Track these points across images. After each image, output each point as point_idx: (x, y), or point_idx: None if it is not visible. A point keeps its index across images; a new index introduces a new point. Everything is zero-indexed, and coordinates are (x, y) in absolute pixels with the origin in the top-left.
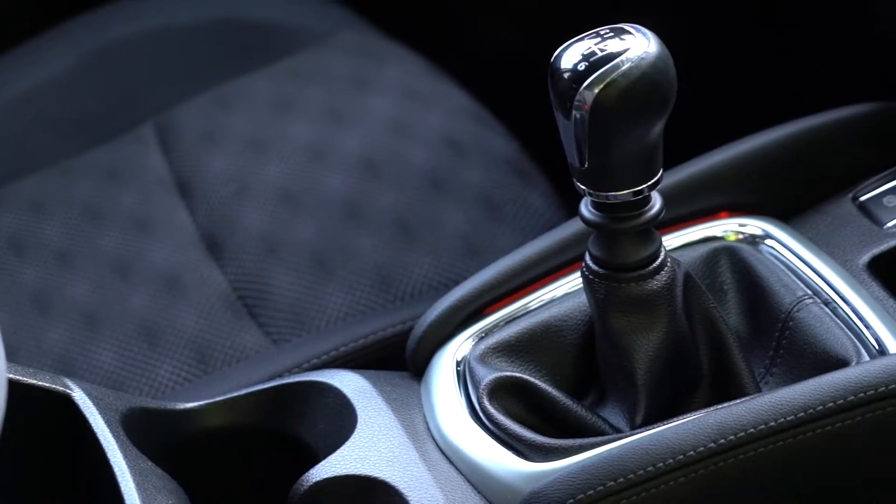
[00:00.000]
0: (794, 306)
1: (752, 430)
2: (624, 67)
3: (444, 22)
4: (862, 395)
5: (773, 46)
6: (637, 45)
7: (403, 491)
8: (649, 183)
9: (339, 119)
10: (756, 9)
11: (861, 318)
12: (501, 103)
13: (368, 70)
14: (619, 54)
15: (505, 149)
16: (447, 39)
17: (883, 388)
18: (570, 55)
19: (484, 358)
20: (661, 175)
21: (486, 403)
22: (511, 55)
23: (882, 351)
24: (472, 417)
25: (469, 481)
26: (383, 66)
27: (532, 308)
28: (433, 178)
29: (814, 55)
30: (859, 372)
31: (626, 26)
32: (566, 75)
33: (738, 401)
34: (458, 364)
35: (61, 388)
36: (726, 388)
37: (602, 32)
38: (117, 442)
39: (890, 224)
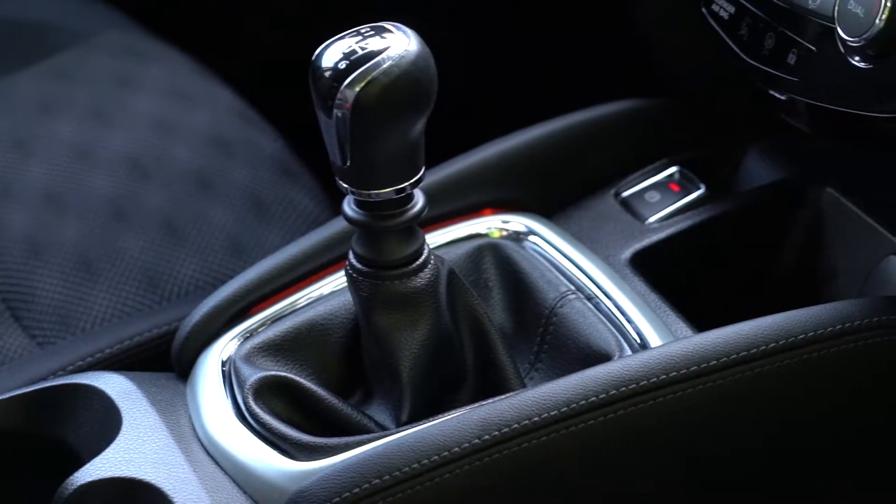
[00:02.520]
0: (558, 302)
1: (515, 425)
2: (385, 66)
3: (209, 21)
4: (624, 389)
5: (538, 45)
6: (397, 44)
7: (168, 492)
8: (412, 181)
9: (103, 119)
10: (522, 9)
11: (623, 313)
12: (268, 102)
13: (133, 69)
14: (379, 52)
15: (271, 148)
16: (213, 39)
17: (644, 382)
18: (331, 54)
19: (249, 357)
20: (424, 173)
21: (252, 403)
22: (276, 54)
23: (643, 345)
24: (237, 417)
25: (235, 481)
26: (149, 65)
27: (298, 307)
28: (199, 177)
29: (578, 53)
30: (620, 367)
31: (387, 24)
32: (327, 74)
33: (502, 397)
34: (223, 364)
35: None
36: (491, 385)
37: (363, 31)
38: None
39: (651, 219)
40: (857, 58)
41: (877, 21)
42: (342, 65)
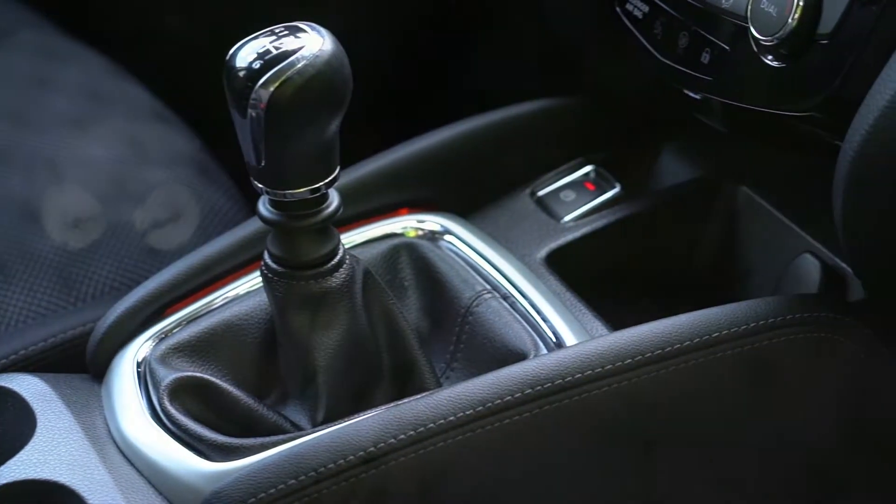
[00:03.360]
0: (474, 301)
1: (431, 424)
2: (299, 65)
3: (125, 21)
4: (539, 387)
5: (454, 45)
6: (312, 43)
7: (83, 494)
8: (326, 181)
9: (19, 119)
10: (438, 9)
11: (538, 312)
12: (183, 102)
13: (49, 70)
14: (293, 52)
15: (188, 148)
16: (128, 38)
17: (559, 381)
18: (245, 53)
19: (164, 358)
20: (339, 173)
21: (167, 404)
22: (192, 53)
23: (559, 343)
24: (152, 418)
25: (150, 483)
26: (65, 65)
27: (214, 307)
28: (115, 178)
29: (493, 52)
30: (535, 365)
31: (301, 24)
32: (241, 74)
33: (418, 396)
34: (138, 365)
35: None
36: (407, 384)
37: (277, 30)
38: None
39: (567, 218)
40: (769, 57)
41: (789, 20)
42: (256, 64)
